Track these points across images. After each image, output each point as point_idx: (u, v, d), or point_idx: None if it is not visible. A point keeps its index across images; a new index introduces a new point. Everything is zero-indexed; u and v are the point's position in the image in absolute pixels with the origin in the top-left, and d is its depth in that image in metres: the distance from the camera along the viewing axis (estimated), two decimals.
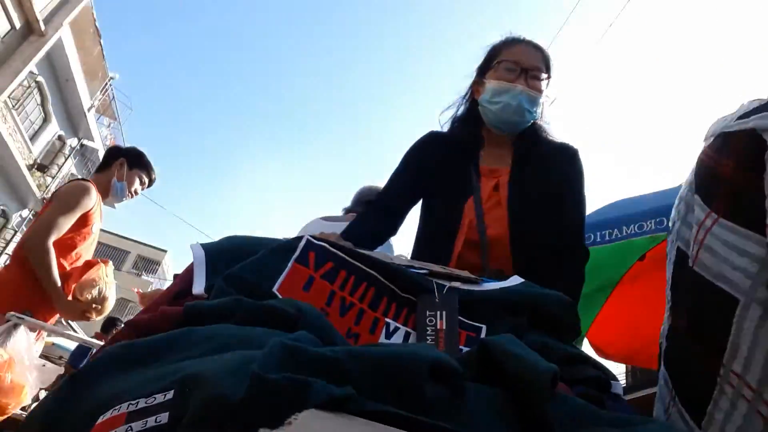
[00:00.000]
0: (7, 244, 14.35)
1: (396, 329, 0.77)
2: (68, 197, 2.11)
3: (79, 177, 2.92)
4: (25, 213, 14.87)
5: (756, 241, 0.75)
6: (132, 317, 0.64)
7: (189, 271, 0.76)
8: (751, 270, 0.74)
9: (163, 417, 0.34)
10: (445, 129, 1.48)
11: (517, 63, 1.32)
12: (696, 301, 0.78)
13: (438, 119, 1.49)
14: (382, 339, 0.76)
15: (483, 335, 0.77)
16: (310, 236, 0.83)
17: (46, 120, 14.17)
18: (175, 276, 0.84)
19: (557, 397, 0.52)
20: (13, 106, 11.93)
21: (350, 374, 0.42)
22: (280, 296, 0.71)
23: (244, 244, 0.83)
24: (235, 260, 0.77)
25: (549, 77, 1.36)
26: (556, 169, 1.36)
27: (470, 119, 1.43)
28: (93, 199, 2.17)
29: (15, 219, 14.53)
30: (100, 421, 0.36)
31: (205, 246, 0.80)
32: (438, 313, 0.77)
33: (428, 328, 0.75)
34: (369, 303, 0.78)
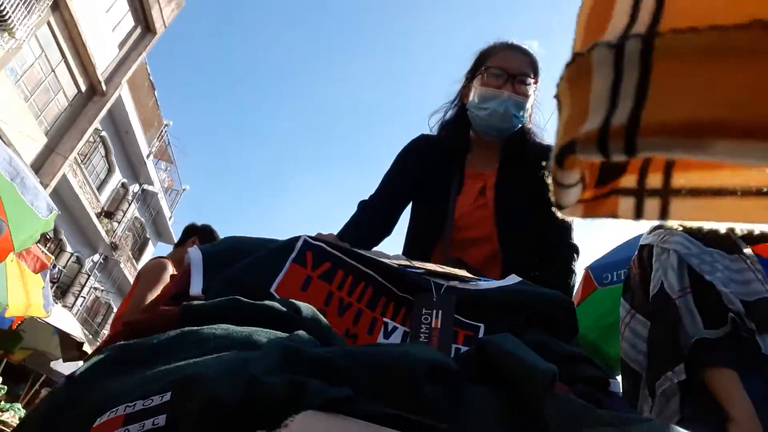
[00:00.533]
0: (82, 287, 15.45)
1: (394, 329, 0.77)
2: (150, 275, 2.50)
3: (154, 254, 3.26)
4: (96, 257, 15.97)
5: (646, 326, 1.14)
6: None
7: (186, 273, 0.76)
8: (644, 349, 1.19)
9: (161, 419, 0.34)
10: (435, 132, 1.50)
11: (503, 69, 1.33)
12: (627, 377, 1.30)
13: (428, 122, 1.51)
14: (380, 339, 0.76)
15: (481, 334, 0.77)
16: (308, 236, 0.83)
17: (110, 170, 15.30)
18: (172, 277, 0.84)
19: (555, 397, 0.52)
20: (82, 161, 12.98)
21: (347, 375, 0.42)
22: (277, 296, 0.71)
23: (241, 244, 0.83)
24: (233, 261, 0.77)
25: (536, 81, 1.38)
26: (542, 170, 1.35)
27: (458, 123, 1.44)
28: (170, 272, 2.51)
29: (87, 264, 15.64)
30: (97, 423, 0.35)
31: (202, 248, 0.80)
32: (434, 311, 0.77)
33: (423, 326, 0.75)
34: (367, 303, 0.78)
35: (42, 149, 10.62)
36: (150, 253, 19.66)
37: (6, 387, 8.03)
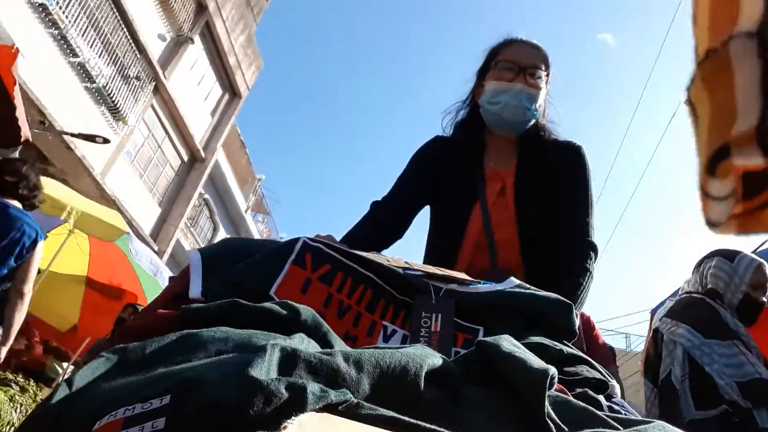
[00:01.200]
0: None
1: (393, 332, 0.76)
2: None
3: None
4: None
5: None
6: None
7: (185, 275, 0.75)
8: None
9: (160, 422, 0.34)
10: (448, 132, 1.47)
11: (514, 62, 1.31)
12: None
13: (441, 123, 1.48)
14: (379, 342, 0.75)
15: (480, 337, 0.76)
16: (307, 238, 0.82)
17: (215, 229, 16.37)
18: (171, 279, 0.82)
19: (554, 399, 0.51)
20: (191, 225, 14.02)
21: (347, 378, 0.41)
22: (277, 298, 0.70)
23: (240, 246, 0.82)
24: (232, 263, 0.76)
25: (548, 75, 1.35)
26: (561, 167, 1.34)
27: (472, 123, 1.41)
28: None
29: None
30: (96, 427, 0.35)
31: (201, 250, 0.79)
32: (433, 314, 0.76)
33: (422, 330, 0.75)
34: (366, 306, 0.77)
35: (157, 219, 11.59)
36: None
37: None
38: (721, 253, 1.90)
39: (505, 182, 1.35)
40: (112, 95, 8.88)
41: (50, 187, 3.39)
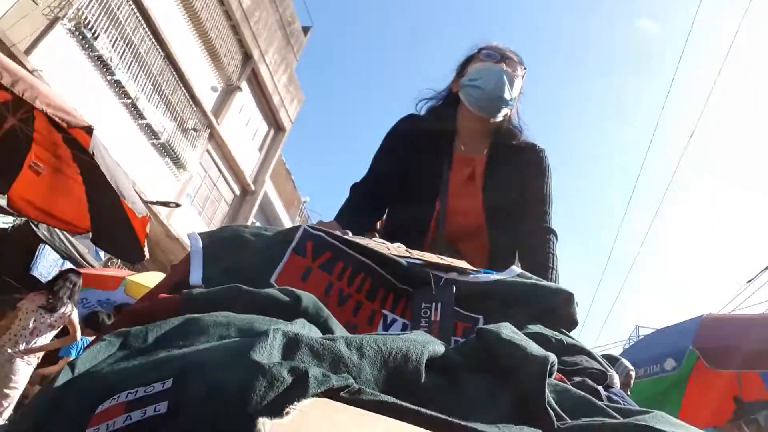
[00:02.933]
0: None
1: (393, 321, 0.77)
2: None
3: None
4: None
5: None
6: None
7: (186, 263, 0.75)
8: None
9: (162, 406, 0.34)
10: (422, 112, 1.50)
11: (494, 51, 1.38)
12: None
13: (416, 107, 1.51)
14: (379, 330, 0.75)
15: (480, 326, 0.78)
16: (308, 226, 0.83)
17: None
18: (172, 266, 0.83)
19: (554, 387, 0.52)
20: None
21: (349, 363, 0.41)
22: (277, 286, 0.70)
23: (241, 234, 0.82)
24: (233, 250, 0.77)
25: (523, 75, 1.41)
26: (527, 164, 1.40)
27: (447, 112, 1.45)
28: None
29: None
30: (99, 410, 0.35)
31: (202, 236, 0.79)
32: (433, 304, 0.76)
33: (422, 319, 0.75)
34: (366, 294, 0.77)
35: None
36: None
37: None
38: None
39: (475, 169, 1.38)
40: (174, 147, 9.96)
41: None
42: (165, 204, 7.39)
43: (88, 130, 2.88)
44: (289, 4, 13.43)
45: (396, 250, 0.88)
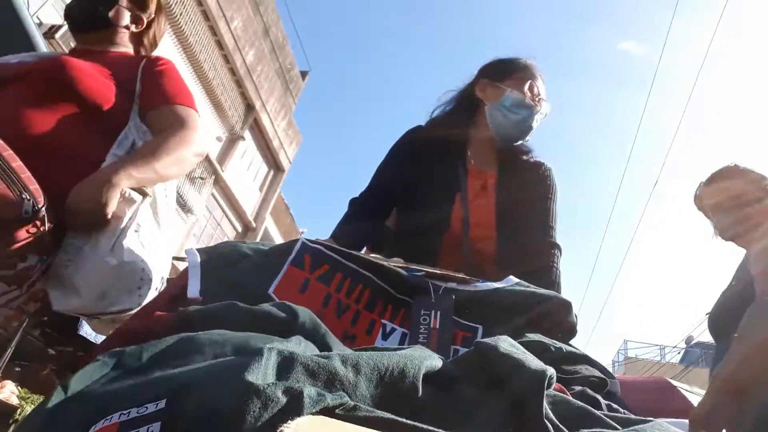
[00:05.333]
0: None
1: (392, 330, 0.77)
2: None
3: None
4: None
5: None
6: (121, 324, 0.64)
7: (184, 275, 0.76)
8: None
9: (155, 427, 0.34)
10: (433, 117, 1.49)
11: (534, 84, 1.39)
12: None
13: (431, 113, 1.50)
14: (378, 340, 0.76)
15: (479, 336, 0.77)
16: (306, 239, 0.84)
17: None
18: (169, 280, 0.84)
19: (552, 398, 0.52)
20: None
21: (344, 380, 0.41)
22: (276, 298, 0.71)
23: (238, 248, 0.83)
24: (231, 264, 0.78)
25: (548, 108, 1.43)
26: (534, 182, 1.43)
27: (463, 114, 1.44)
28: None
29: None
30: (91, 431, 0.35)
31: (200, 251, 0.80)
32: (432, 312, 0.77)
33: (422, 327, 0.75)
34: (365, 305, 0.78)
35: None
36: None
37: None
38: None
39: (487, 182, 1.39)
40: (182, 196, 10.99)
41: None
42: (180, 259, 8.45)
43: None
44: (288, 52, 14.54)
45: (394, 262, 0.89)
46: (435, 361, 0.51)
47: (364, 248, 1.39)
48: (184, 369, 0.42)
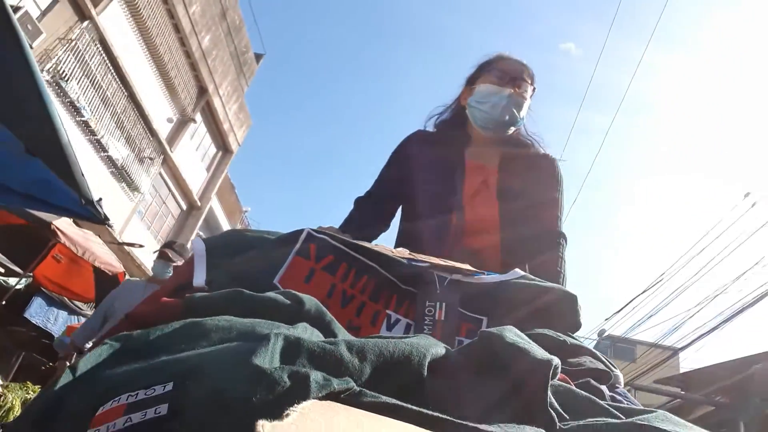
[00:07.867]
0: None
1: (397, 321, 0.78)
2: None
3: None
4: None
5: None
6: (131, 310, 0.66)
7: (190, 264, 0.76)
8: None
9: (163, 408, 0.34)
10: (430, 129, 1.53)
11: (506, 72, 1.41)
12: None
13: (424, 125, 1.54)
14: (383, 331, 0.76)
15: (484, 327, 0.77)
16: (311, 229, 0.84)
17: None
18: (176, 269, 0.85)
19: (557, 388, 0.52)
20: None
21: (350, 366, 0.42)
22: (281, 288, 0.71)
23: (244, 237, 0.84)
24: (237, 253, 0.78)
25: (533, 90, 1.44)
26: (538, 174, 1.44)
27: (457, 121, 1.49)
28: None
29: None
30: (99, 412, 0.36)
31: (206, 239, 0.81)
32: (438, 303, 0.77)
33: (426, 318, 0.76)
34: (370, 295, 0.78)
35: None
36: None
37: None
38: None
39: (488, 177, 1.40)
40: (130, 174, 11.27)
41: None
42: (132, 245, 8.93)
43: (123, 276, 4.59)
44: (244, 35, 14.79)
45: (399, 253, 0.89)
46: (440, 349, 0.51)
47: None
48: (192, 353, 0.42)
